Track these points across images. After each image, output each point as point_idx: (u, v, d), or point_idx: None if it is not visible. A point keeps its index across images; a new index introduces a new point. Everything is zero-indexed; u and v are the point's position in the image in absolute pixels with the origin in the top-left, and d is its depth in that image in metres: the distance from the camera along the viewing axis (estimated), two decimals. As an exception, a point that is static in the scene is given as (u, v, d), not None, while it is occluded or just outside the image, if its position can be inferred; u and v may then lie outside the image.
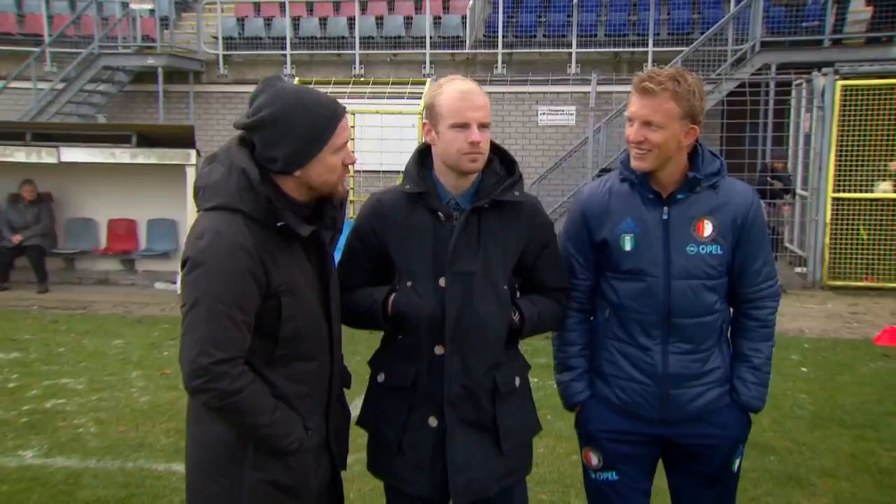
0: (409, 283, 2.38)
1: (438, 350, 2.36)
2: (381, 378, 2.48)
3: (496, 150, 2.48)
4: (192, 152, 9.87)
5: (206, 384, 1.95)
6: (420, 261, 2.38)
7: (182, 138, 9.94)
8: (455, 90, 2.32)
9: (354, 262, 2.49)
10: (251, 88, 2.15)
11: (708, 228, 2.43)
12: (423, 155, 2.47)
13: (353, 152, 2.19)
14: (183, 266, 2.04)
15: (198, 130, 11.16)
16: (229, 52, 15.65)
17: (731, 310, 2.58)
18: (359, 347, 3.52)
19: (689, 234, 2.43)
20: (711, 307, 2.45)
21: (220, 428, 2.09)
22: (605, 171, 12.15)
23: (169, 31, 15.93)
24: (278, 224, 2.05)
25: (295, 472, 2.14)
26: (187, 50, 15.84)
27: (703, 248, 2.43)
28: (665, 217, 2.45)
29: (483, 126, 2.31)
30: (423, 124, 2.42)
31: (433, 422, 2.39)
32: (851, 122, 10.27)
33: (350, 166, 2.18)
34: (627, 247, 2.47)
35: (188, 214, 9.98)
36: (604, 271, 2.56)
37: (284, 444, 2.08)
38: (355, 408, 2.53)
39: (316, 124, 2.06)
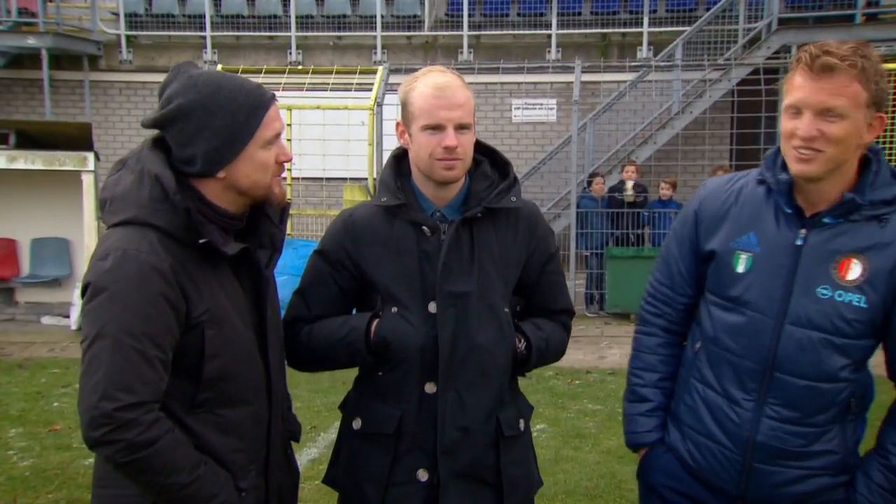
0: (394, 310, 2.40)
1: (429, 388, 2.39)
2: (356, 424, 2.49)
3: (485, 150, 2.53)
4: (90, 155, 9.74)
5: (110, 435, 1.92)
6: (405, 284, 2.41)
7: (76, 138, 9.82)
8: (429, 85, 2.36)
9: (320, 287, 2.51)
10: (163, 78, 2.17)
11: (854, 270, 2.21)
12: (400, 161, 2.51)
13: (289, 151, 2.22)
14: (83, 294, 2.02)
15: (97, 128, 11.07)
16: (134, 33, 15.54)
17: None
18: (299, 391, 3.49)
19: (827, 273, 2.23)
20: (835, 373, 2.24)
21: (132, 491, 2.06)
22: (593, 176, 12.29)
23: (55, 4, 15.58)
24: (200, 241, 2.05)
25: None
26: (80, 29, 15.66)
27: (840, 295, 2.21)
28: (799, 242, 2.26)
29: (462, 128, 2.34)
30: (397, 125, 2.46)
31: (423, 475, 2.40)
32: (890, 116, 10.43)
33: (286, 167, 2.19)
34: (740, 268, 2.31)
35: (85, 232, 9.85)
36: (705, 291, 2.44)
37: (210, 509, 2.07)
38: (301, 464, 2.51)
39: (238, 114, 2.08)
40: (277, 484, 2.31)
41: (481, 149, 2.51)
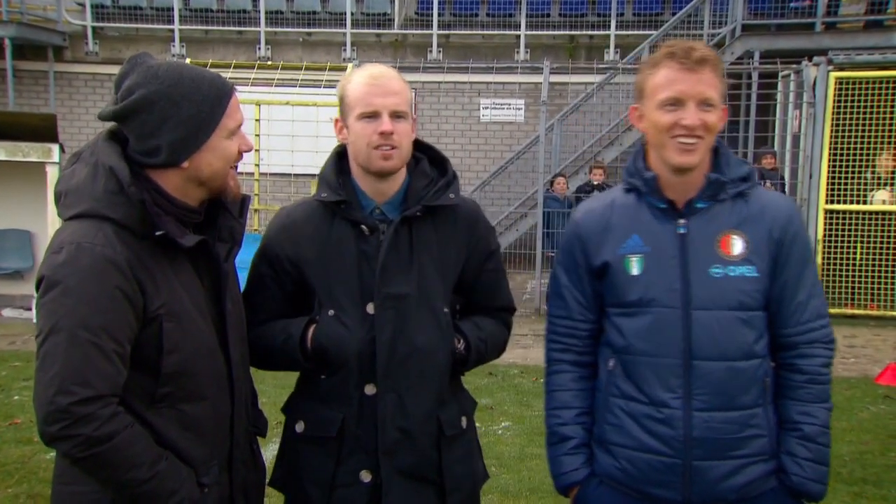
0: (331, 312, 2.39)
1: (369, 390, 2.37)
2: (299, 428, 2.47)
3: (423, 148, 2.53)
4: (54, 147, 9.61)
5: (66, 430, 1.90)
6: (343, 284, 2.39)
7: (40, 129, 9.67)
8: (363, 75, 2.37)
9: (263, 291, 2.49)
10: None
11: (737, 245, 2.31)
12: (342, 158, 2.50)
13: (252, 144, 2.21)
14: (38, 287, 2.00)
15: (61, 120, 10.91)
16: (100, 24, 15.38)
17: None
18: (265, 387, 3.44)
19: (713, 253, 2.30)
20: (749, 348, 2.29)
21: (93, 487, 2.03)
22: (556, 176, 12.31)
23: (18, -6, 15.47)
24: (156, 233, 2.03)
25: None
26: (44, 19, 15.48)
27: (731, 270, 2.29)
28: (681, 231, 2.33)
29: (397, 116, 2.34)
30: (335, 122, 2.45)
31: (366, 476, 2.40)
32: (847, 121, 10.63)
33: (254, 163, 2.16)
34: (634, 271, 2.34)
35: (48, 224, 9.68)
36: (606, 308, 2.44)
37: (169, 506, 2.04)
38: (266, 460, 2.49)
39: (203, 104, 2.08)
40: (242, 479, 2.29)
41: (420, 147, 2.51)
